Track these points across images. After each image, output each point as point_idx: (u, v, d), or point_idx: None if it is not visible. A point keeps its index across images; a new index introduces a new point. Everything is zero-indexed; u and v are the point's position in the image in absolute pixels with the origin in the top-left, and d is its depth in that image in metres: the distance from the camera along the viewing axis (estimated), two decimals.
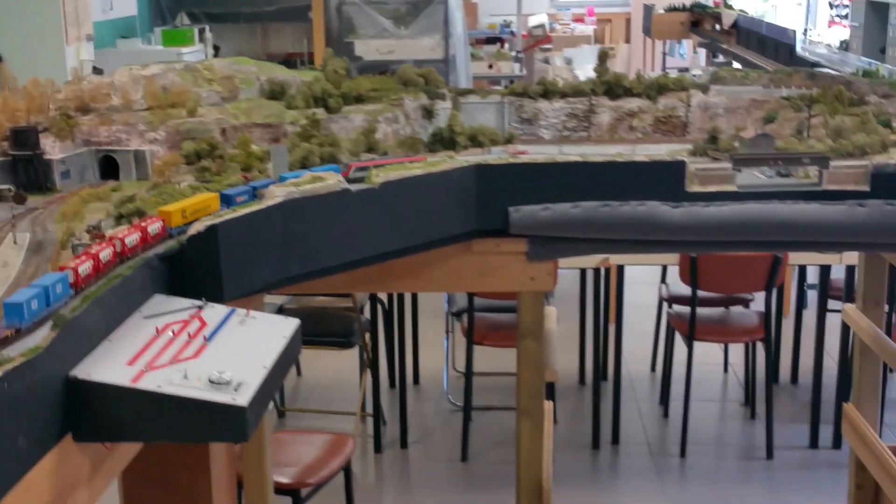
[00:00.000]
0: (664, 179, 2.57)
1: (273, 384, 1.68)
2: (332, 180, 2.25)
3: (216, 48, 11.00)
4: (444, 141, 3.00)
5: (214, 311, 1.81)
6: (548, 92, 3.21)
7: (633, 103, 3.18)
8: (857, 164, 2.55)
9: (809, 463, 4.24)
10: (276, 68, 3.11)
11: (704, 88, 3.18)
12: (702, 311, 4.67)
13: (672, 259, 4.32)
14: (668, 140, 3.15)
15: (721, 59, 12.77)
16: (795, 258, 4.30)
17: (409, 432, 4.69)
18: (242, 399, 1.51)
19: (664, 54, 19.86)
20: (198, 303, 1.81)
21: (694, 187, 2.58)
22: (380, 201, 2.37)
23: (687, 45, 17.12)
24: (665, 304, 4.96)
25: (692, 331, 4.37)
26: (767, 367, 4.42)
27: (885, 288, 3.32)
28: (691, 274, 4.22)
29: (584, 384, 5.17)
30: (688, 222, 2.56)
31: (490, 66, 11.54)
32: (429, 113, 3.08)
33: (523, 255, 2.73)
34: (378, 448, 4.53)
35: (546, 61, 11.22)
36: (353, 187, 2.32)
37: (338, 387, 5.07)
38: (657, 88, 3.18)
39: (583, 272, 4.36)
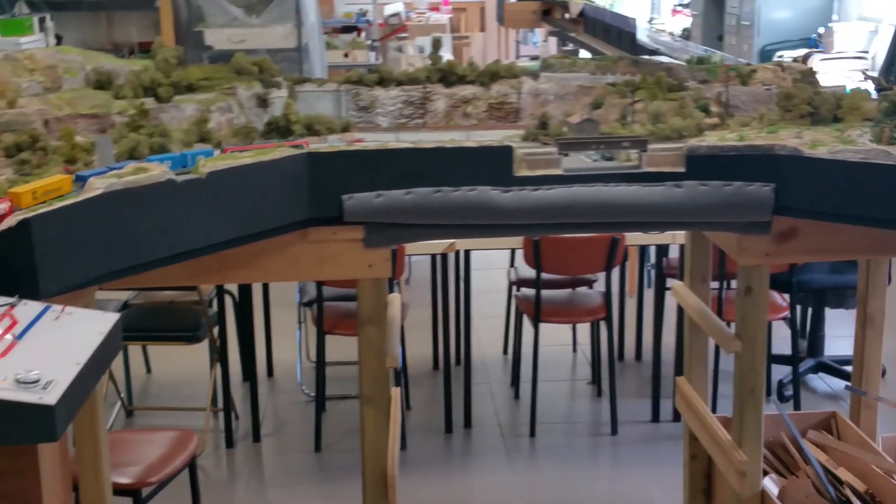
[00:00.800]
0: (493, 165, 2.63)
1: (88, 382, 1.65)
2: (156, 171, 2.22)
3: (58, 38, 10.58)
4: (280, 130, 2.99)
5: (27, 309, 1.77)
6: (384, 80, 3.24)
7: (467, 90, 3.24)
8: (673, 146, 2.68)
9: (652, 437, 4.42)
10: (104, 57, 3.03)
11: (535, 75, 3.27)
12: (548, 293, 4.80)
13: (518, 243, 4.42)
14: (502, 126, 3.23)
15: (570, 46, 13.10)
16: (635, 239, 4.46)
17: (263, 425, 4.65)
18: (51, 398, 1.49)
19: (518, 42, 20.18)
20: (10, 300, 1.77)
21: (522, 172, 2.65)
22: (208, 191, 2.35)
23: (539, 33, 17.47)
24: (514, 288, 5.07)
25: (537, 312, 4.49)
26: (610, 346, 4.57)
27: (711, 265, 3.47)
28: (535, 257, 4.33)
29: (437, 369, 5.23)
30: (518, 206, 2.63)
31: (346, 55, 11.49)
32: (263, 102, 3.06)
33: (360, 242, 2.75)
34: (230, 443, 4.48)
35: (399, 50, 11.27)
36: (180, 178, 2.29)
37: (189, 382, 4.99)
38: (490, 76, 3.25)
39: (433, 258, 4.41)
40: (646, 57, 4.03)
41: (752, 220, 2.67)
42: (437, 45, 3.26)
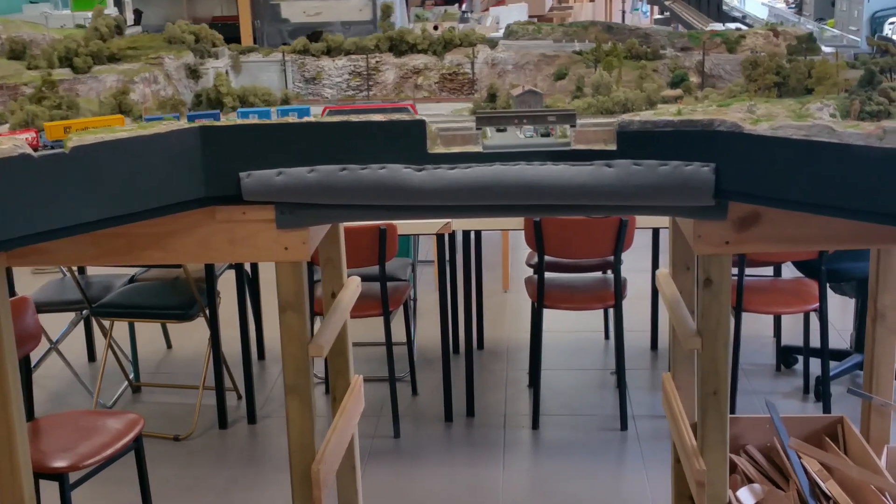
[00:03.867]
0: (405, 141, 2.46)
1: None
2: (6, 145, 2.12)
3: (137, 12, 10.77)
4: (211, 102, 2.88)
5: None
6: (331, 49, 3.09)
7: (418, 60, 3.06)
8: (603, 121, 2.44)
9: (664, 433, 4.17)
10: (26, 26, 2.97)
11: (492, 43, 3.06)
12: (562, 277, 4.59)
13: (519, 224, 4.22)
14: (455, 99, 3.04)
15: (665, 14, 12.64)
16: (646, 221, 4.20)
17: (265, 406, 4.60)
18: None
19: (623, 11, 19.68)
20: None
21: (437, 149, 2.47)
22: (75, 167, 2.25)
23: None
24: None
25: (540, 297, 4.28)
26: (618, 335, 4.33)
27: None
28: (536, 239, 4.12)
29: (458, 353, 5.08)
30: (432, 186, 2.45)
31: (435, 28, 11.34)
32: (194, 72, 2.95)
33: (272, 222, 2.62)
34: (223, 423, 4.43)
35: (478, 21, 11.03)
36: (39, 153, 2.20)
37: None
38: (443, 44, 3.06)
39: (438, 238, 4.25)
40: (619, 23, 3.74)
41: (692, 203, 2.41)
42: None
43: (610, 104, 2.54)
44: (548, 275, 4.42)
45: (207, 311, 4.33)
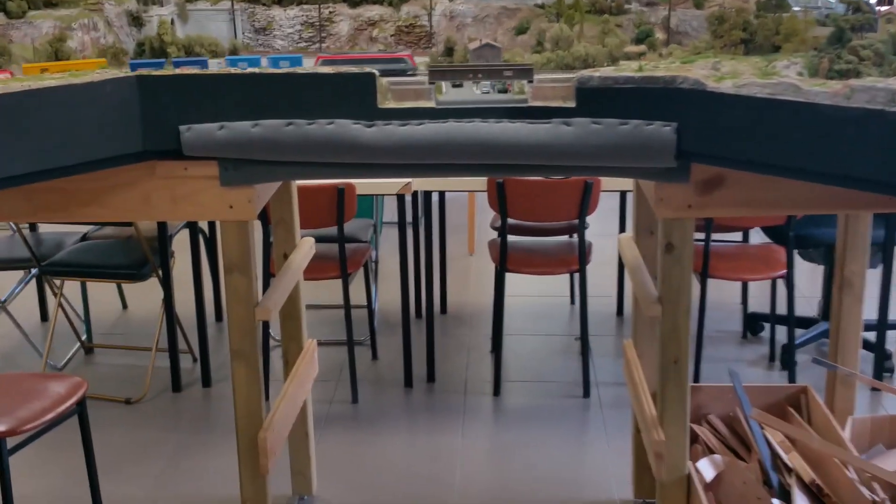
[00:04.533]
0: (355, 95, 2.35)
1: None
2: None
3: None
4: (154, 51, 2.75)
5: None
6: None
7: (373, 11, 2.94)
8: (562, 77, 2.35)
9: (626, 401, 4.12)
10: None
11: None
12: (525, 240, 4.51)
13: (482, 184, 4.12)
14: (412, 52, 2.92)
15: None
16: (612, 183, 4.12)
17: (221, 369, 4.51)
18: None
19: None
20: None
21: (388, 104, 2.36)
22: (0, 117, 2.13)
23: None
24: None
25: (503, 262, 4.20)
26: (583, 300, 4.26)
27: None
28: (499, 202, 4.04)
29: (421, 318, 5.00)
30: (382, 143, 2.35)
31: None
32: (136, 20, 2.82)
33: (216, 179, 2.51)
34: (177, 386, 4.34)
35: None
36: None
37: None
38: None
39: (399, 198, 4.15)
40: None
41: (653, 164, 2.33)
42: None
43: (570, 59, 2.44)
44: (511, 238, 4.34)
45: (160, 272, 4.22)
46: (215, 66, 2.46)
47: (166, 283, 4.25)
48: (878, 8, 2.59)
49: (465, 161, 2.38)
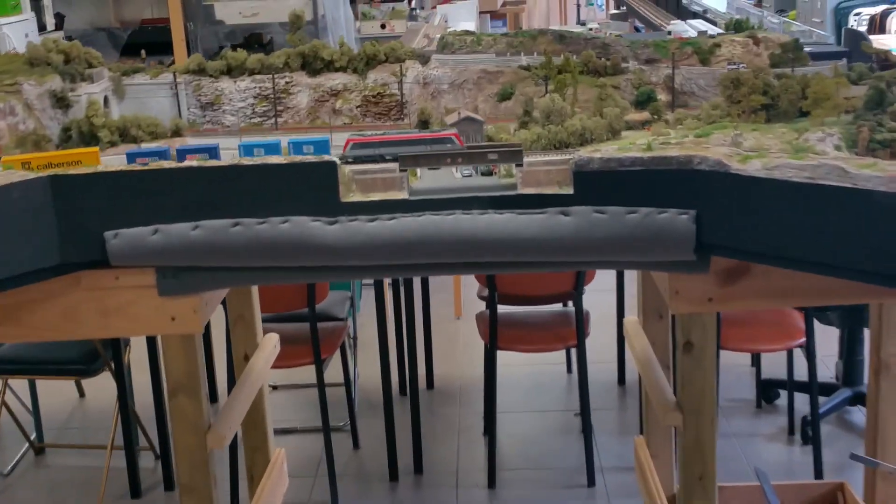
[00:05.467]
0: (313, 187, 2.01)
1: None
2: None
3: (59, 16, 10.16)
4: (84, 136, 2.41)
5: None
6: (232, 68, 2.63)
7: (335, 80, 2.62)
8: (557, 158, 2.02)
9: (637, 490, 3.76)
10: None
11: (423, 59, 2.62)
12: (517, 312, 4.17)
13: None
14: (381, 125, 2.59)
15: (622, 9, 12.29)
16: None
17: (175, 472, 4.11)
18: None
19: (578, 5, 19.36)
20: None
21: (352, 196, 2.02)
22: None
23: None
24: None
25: (493, 338, 3.86)
26: (581, 377, 3.93)
27: None
28: (487, 276, 3.70)
29: (405, 395, 4.64)
30: (347, 242, 2.01)
31: (383, 27, 10.88)
32: (62, 101, 2.48)
33: (153, 288, 2.16)
34: (135, 492, 3.96)
35: (425, 19, 10.57)
36: None
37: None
38: (365, 60, 2.61)
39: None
40: (577, 30, 3.31)
41: (668, 258, 1.99)
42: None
43: (564, 135, 2.11)
44: (501, 310, 4.00)
45: (112, 364, 3.85)
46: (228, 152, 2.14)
47: (119, 377, 3.88)
48: None
49: (446, 260, 2.05)
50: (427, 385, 4.92)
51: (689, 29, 6.00)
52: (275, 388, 4.88)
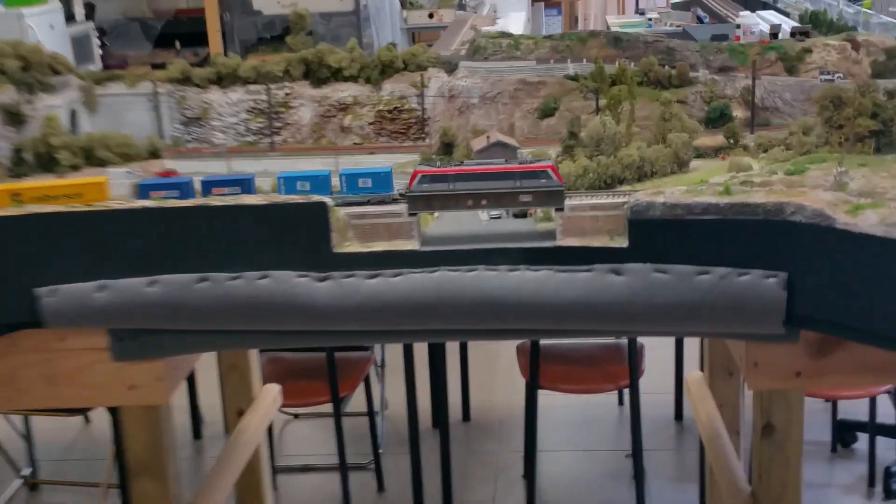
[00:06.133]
0: (299, 234, 1.61)
1: None
2: None
3: (89, 6, 9.89)
4: (40, 158, 2.04)
5: None
6: (222, 77, 2.24)
7: (344, 91, 2.22)
8: (607, 202, 1.60)
9: None
10: None
11: (450, 66, 2.21)
12: (563, 344, 3.75)
13: None
14: (399, 147, 2.19)
15: None
16: None
17: None
18: None
19: None
20: None
21: (348, 246, 1.62)
22: None
23: None
24: None
25: (534, 377, 3.45)
26: (634, 416, 3.50)
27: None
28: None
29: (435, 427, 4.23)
30: (341, 304, 1.61)
31: (431, 16, 10.49)
32: (15, 117, 2.11)
33: (106, 352, 1.78)
34: None
35: (473, 9, 10.13)
36: None
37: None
38: (380, 68, 2.21)
39: None
40: (632, 30, 2.86)
41: (749, 330, 1.57)
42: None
43: (617, 168, 1.69)
44: (544, 342, 3.57)
45: None
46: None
47: (114, 415, 3.52)
48: None
49: (467, 326, 1.64)
50: (463, 416, 4.51)
51: (760, 22, 5.52)
52: (296, 416, 4.51)
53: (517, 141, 2.00)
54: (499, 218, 1.75)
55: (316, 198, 1.61)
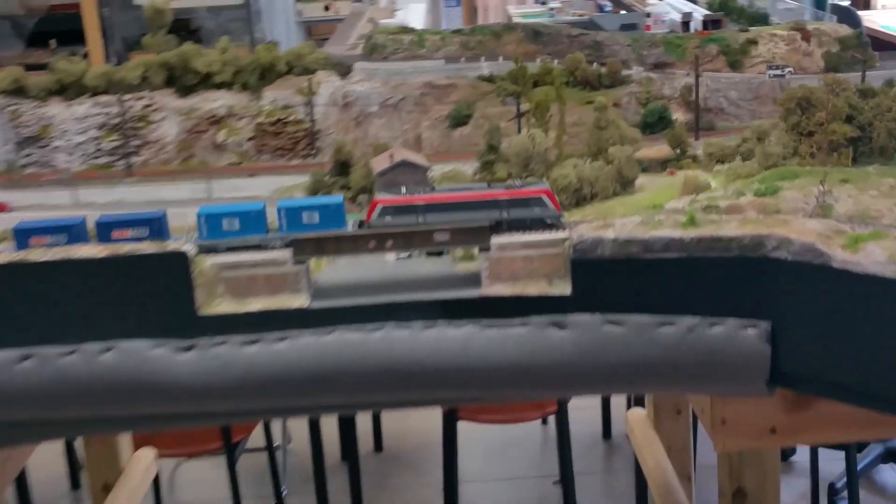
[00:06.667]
0: (154, 293, 1.26)
1: None
2: None
3: None
4: None
5: None
6: (65, 86, 1.87)
7: (216, 100, 1.87)
8: (543, 238, 1.29)
9: None
10: None
11: (342, 68, 1.88)
12: None
13: None
14: (283, 166, 1.86)
15: None
16: None
17: None
18: None
19: None
20: None
21: (217, 306, 1.28)
22: None
23: None
24: None
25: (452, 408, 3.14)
26: (562, 444, 3.23)
27: None
28: None
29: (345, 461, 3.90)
30: (212, 380, 1.26)
31: (326, 8, 10.14)
32: None
33: None
34: None
35: (372, 1, 9.78)
36: None
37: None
38: (259, 72, 1.87)
39: None
40: (555, 23, 2.57)
41: (725, 391, 1.28)
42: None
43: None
44: None
45: None
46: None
47: None
48: None
49: (372, 399, 1.31)
50: (374, 447, 4.19)
51: (670, 10, 5.33)
52: (188, 456, 4.13)
53: (425, 156, 1.69)
54: (408, 258, 1.43)
55: (172, 245, 1.26)
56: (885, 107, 1.47)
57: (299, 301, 1.31)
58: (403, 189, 1.42)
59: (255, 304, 1.30)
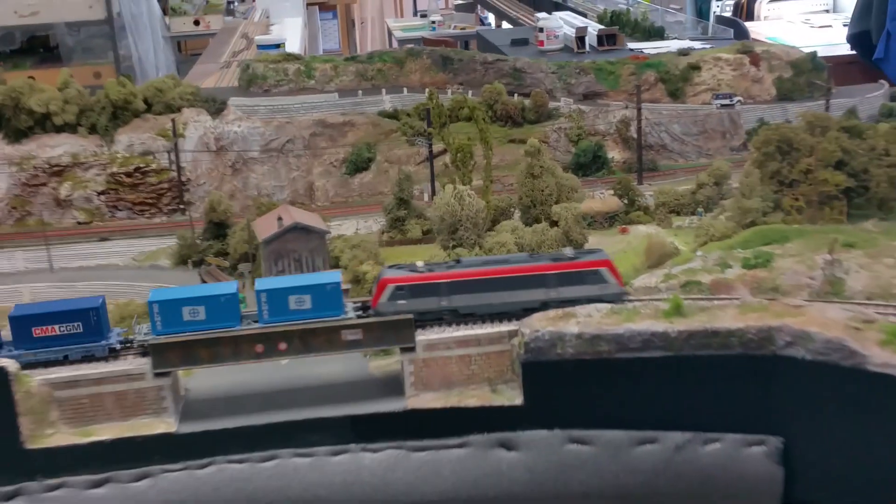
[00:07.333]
0: None
1: None
2: None
3: None
4: None
5: None
6: None
7: (58, 146, 1.52)
8: (485, 333, 0.99)
9: None
10: None
11: (214, 105, 1.55)
12: None
13: None
14: (146, 226, 1.51)
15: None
16: None
17: None
18: None
19: None
20: None
21: (52, 436, 0.93)
22: None
23: None
24: None
25: None
26: None
27: None
28: None
29: None
30: None
31: (197, 23, 9.93)
32: None
33: None
34: None
35: (245, 15, 9.39)
36: None
37: None
38: (110, 111, 1.53)
39: None
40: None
41: None
42: None
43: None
44: None
45: None
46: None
47: None
48: None
49: None
50: None
51: (563, 25, 5.14)
52: None
53: (319, 209, 1.37)
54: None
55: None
56: (881, 149, 1.23)
57: (164, 425, 1.00)
58: (420, 264, 1.12)
59: (104, 433, 0.98)
